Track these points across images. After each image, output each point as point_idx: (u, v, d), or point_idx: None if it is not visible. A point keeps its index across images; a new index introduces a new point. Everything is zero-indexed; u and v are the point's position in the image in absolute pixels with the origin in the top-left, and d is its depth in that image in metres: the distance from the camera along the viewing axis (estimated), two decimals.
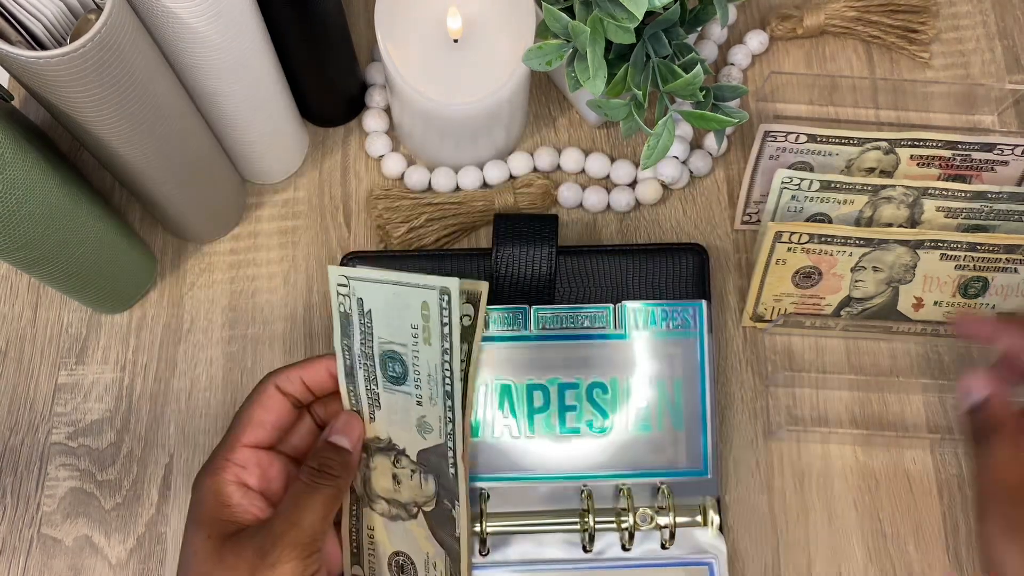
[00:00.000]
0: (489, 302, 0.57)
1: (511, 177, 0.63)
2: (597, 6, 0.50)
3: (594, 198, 0.62)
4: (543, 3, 0.53)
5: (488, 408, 0.55)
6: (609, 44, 0.53)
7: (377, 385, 0.49)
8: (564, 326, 0.56)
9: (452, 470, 0.49)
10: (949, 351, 0.59)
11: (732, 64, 0.65)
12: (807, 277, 0.58)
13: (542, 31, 0.54)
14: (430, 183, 0.62)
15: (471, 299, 0.51)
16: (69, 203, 0.49)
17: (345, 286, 0.48)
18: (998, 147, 0.59)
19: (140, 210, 0.62)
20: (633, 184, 0.62)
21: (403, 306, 0.47)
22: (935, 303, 0.59)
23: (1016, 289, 0.58)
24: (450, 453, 0.49)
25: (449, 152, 0.61)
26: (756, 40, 0.65)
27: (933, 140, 0.59)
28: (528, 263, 0.57)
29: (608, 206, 0.62)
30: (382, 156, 0.63)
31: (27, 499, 0.57)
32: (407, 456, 0.50)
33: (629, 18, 0.49)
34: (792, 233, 0.56)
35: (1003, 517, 0.46)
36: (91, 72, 0.42)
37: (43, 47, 0.43)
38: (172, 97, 0.49)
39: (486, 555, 0.53)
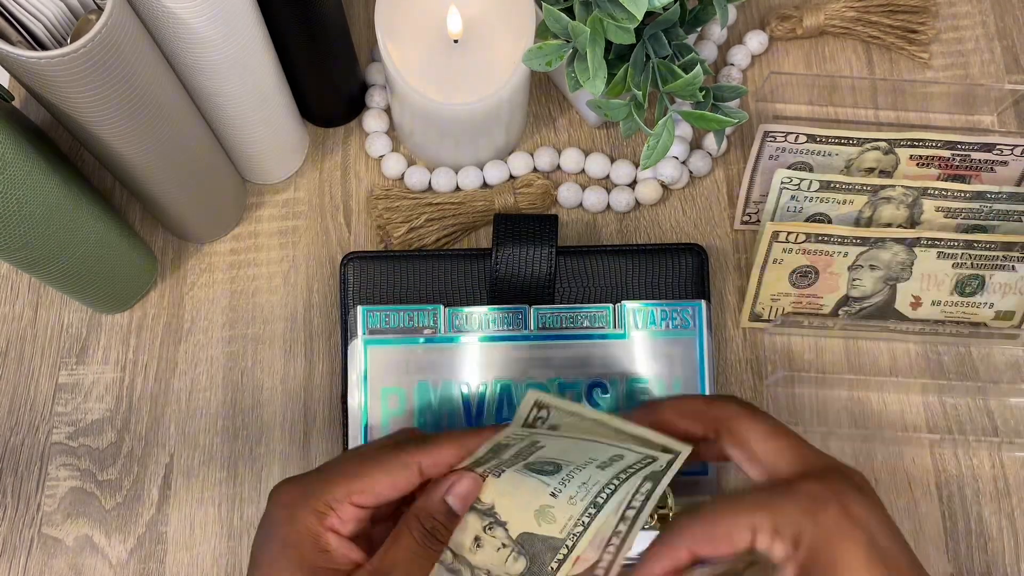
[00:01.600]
0: (489, 302, 0.57)
1: (511, 177, 0.63)
2: (597, 6, 0.51)
3: (594, 198, 0.62)
4: (543, 3, 0.53)
5: (488, 408, 0.55)
6: (609, 44, 0.53)
7: (510, 466, 0.44)
8: (564, 326, 0.56)
9: (555, 566, 0.44)
10: (949, 351, 0.59)
11: (732, 64, 0.65)
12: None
13: (542, 31, 0.54)
14: (430, 183, 0.62)
15: (666, 449, 0.44)
16: (69, 203, 0.49)
17: (545, 407, 0.43)
18: (997, 147, 0.59)
19: (140, 210, 0.63)
20: (633, 184, 0.62)
21: (590, 450, 0.43)
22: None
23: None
24: (563, 551, 0.44)
25: (449, 152, 0.61)
26: (756, 40, 0.65)
27: (932, 140, 0.59)
28: (528, 263, 0.57)
29: (608, 206, 0.62)
30: (382, 156, 0.63)
31: (27, 499, 0.57)
32: (505, 530, 0.45)
33: (629, 18, 0.49)
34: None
35: None
36: (91, 72, 0.42)
37: (44, 47, 0.43)
38: (172, 97, 0.49)
39: None
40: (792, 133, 0.58)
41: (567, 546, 0.43)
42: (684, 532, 0.43)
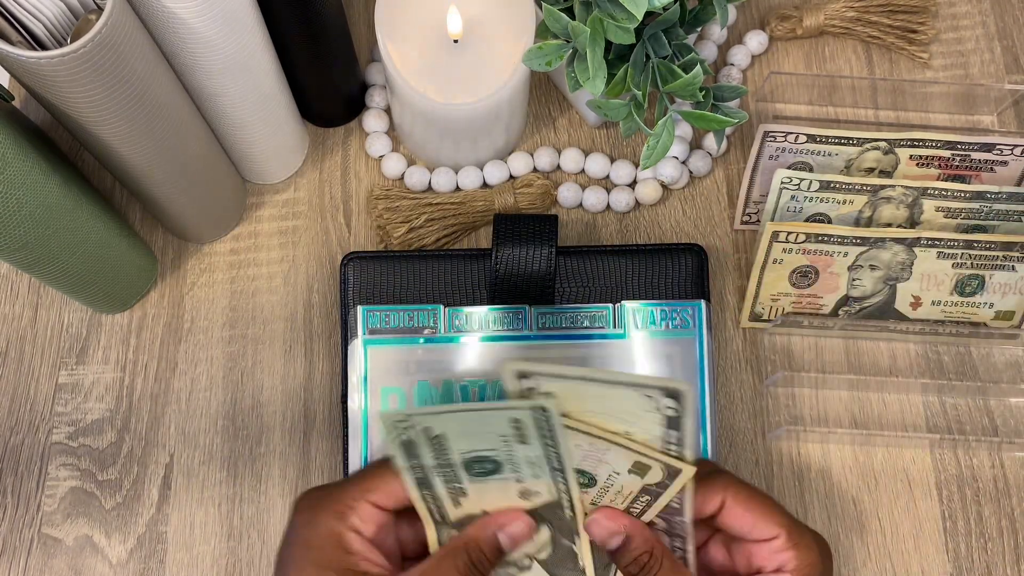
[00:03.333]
0: (489, 302, 0.57)
1: (511, 177, 0.63)
2: (597, 6, 0.51)
3: (594, 198, 0.62)
4: (543, 3, 0.53)
5: None
6: (609, 44, 0.53)
7: (460, 481, 0.44)
8: (564, 326, 0.56)
9: (569, 512, 0.45)
10: (949, 351, 0.59)
11: (732, 64, 0.65)
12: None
13: (542, 31, 0.54)
14: (430, 183, 0.62)
15: (671, 394, 0.42)
16: (69, 203, 0.49)
17: (403, 422, 0.42)
18: (997, 147, 0.59)
19: (140, 210, 0.63)
20: (633, 184, 0.62)
21: (484, 422, 0.42)
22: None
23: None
24: (565, 501, 0.45)
25: (449, 152, 0.61)
26: (756, 40, 0.65)
27: (932, 140, 0.59)
28: (528, 263, 0.57)
29: (608, 206, 0.62)
30: (382, 156, 0.63)
31: (27, 499, 0.57)
32: (533, 560, 0.47)
33: (629, 18, 0.49)
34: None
35: None
36: (91, 72, 0.42)
37: (44, 47, 0.43)
38: (172, 97, 0.49)
39: None
40: (792, 133, 0.58)
41: (565, 498, 0.45)
42: (730, 485, 0.46)
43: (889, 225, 0.58)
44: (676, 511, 0.45)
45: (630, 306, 0.56)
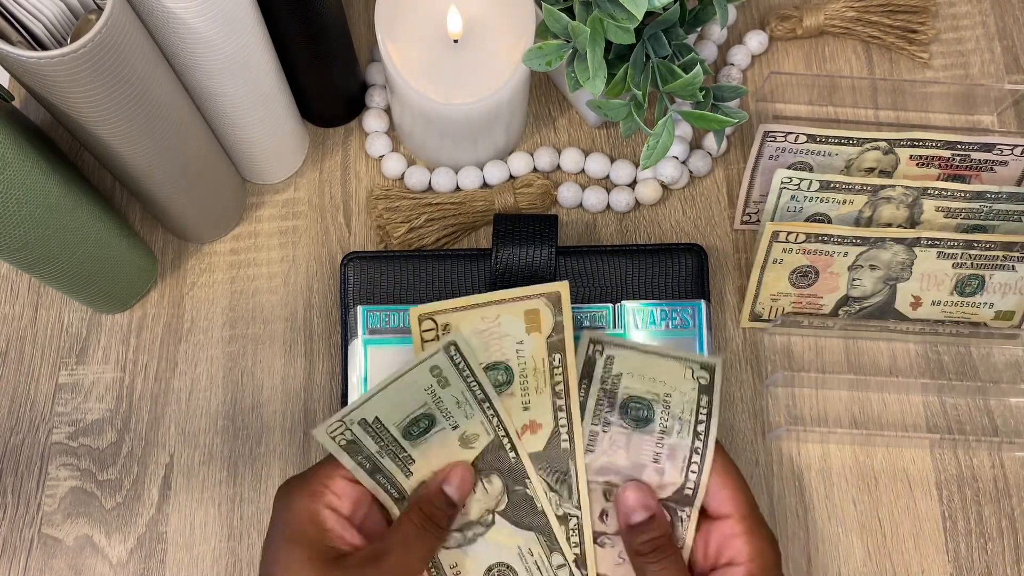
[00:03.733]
0: None
1: (511, 177, 0.63)
2: (597, 6, 0.51)
3: (594, 198, 0.62)
4: (543, 3, 0.53)
5: None
6: (609, 44, 0.53)
7: (405, 450, 0.49)
8: None
9: (512, 454, 0.49)
10: (949, 351, 0.59)
11: (732, 64, 0.65)
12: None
13: (542, 31, 0.54)
14: (430, 183, 0.62)
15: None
16: (69, 203, 0.49)
17: (337, 427, 0.47)
18: (997, 147, 0.59)
19: (140, 210, 0.63)
20: (633, 184, 0.62)
21: (407, 387, 0.48)
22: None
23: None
24: (504, 441, 0.49)
25: (449, 152, 0.61)
26: (756, 40, 0.65)
27: (932, 140, 0.59)
28: (528, 263, 0.57)
29: (608, 206, 0.62)
30: (382, 156, 0.63)
31: (27, 499, 0.57)
32: (482, 524, 0.50)
33: (629, 18, 0.49)
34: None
35: None
36: (91, 72, 0.42)
37: (44, 47, 0.43)
38: (172, 97, 0.49)
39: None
40: (792, 133, 0.58)
41: (502, 435, 0.49)
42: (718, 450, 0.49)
43: (889, 225, 0.58)
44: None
45: (630, 306, 0.56)
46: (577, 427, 0.49)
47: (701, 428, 0.49)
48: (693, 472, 0.48)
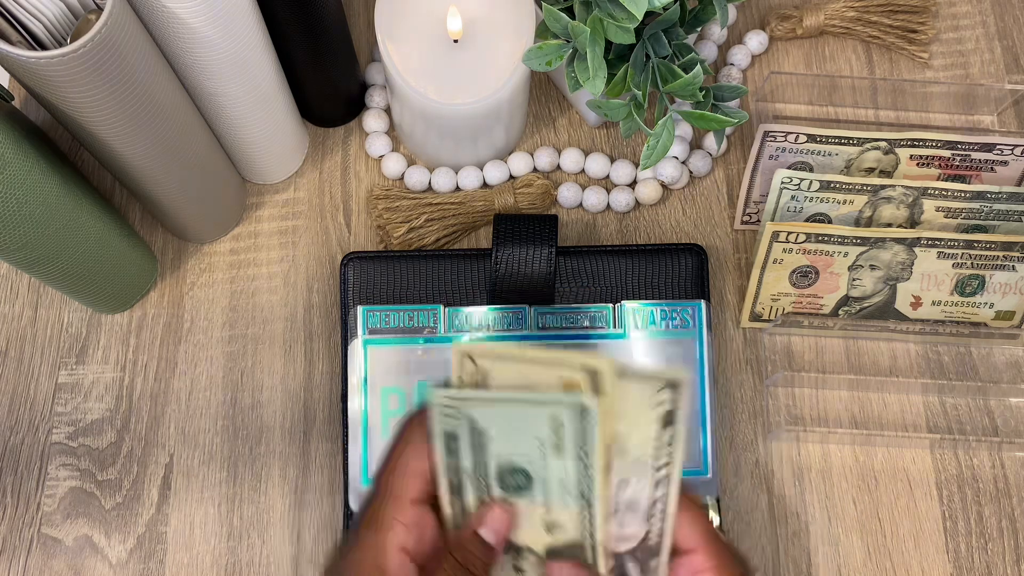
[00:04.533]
0: (489, 302, 0.57)
1: (511, 177, 0.63)
2: (597, 6, 0.51)
3: (594, 198, 0.62)
4: (543, 3, 0.53)
5: None
6: (609, 44, 0.53)
7: (489, 492, 0.43)
8: (564, 326, 0.56)
9: (591, 559, 0.43)
10: (949, 351, 0.59)
11: (732, 64, 0.65)
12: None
13: (542, 31, 0.54)
14: (430, 183, 0.62)
15: (670, 384, 0.41)
16: (69, 203, 0.49)
17: (451, 408, 0.40)
18: (997, 147, 0.59)
19: (140, 210, 0.63)
20: (633, 184, 0.62)
21: (525, 419, 0.40)
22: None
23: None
24: (589, 547, 0.42)
25: (449, 152, 0.61)
26: (756, 40, 0.65)
27: (933, 140, 0.59)
28: (528, 263, 0.57)
29: (608, 206, 0.62)
30: (382, 156, 0.63)
31: (27, 499, 0.57)
32: (534, 554, 0.44)
33: (629, 18, 0.49)
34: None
35: None
36: (91, 72, 0.42)
37: (44, 47, 0.43)
38: (172, 97, 0.49)
39: None
40: (792, 133, 0.58)
41: (590, 541, 0.42)
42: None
43: (889, 225, 0.58)
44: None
45: (630, 306, 0.56)
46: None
47: (663, 472, 0.41)
48: (656, 519, 0.42)
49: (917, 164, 0.60)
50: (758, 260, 0.57)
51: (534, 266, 0.57)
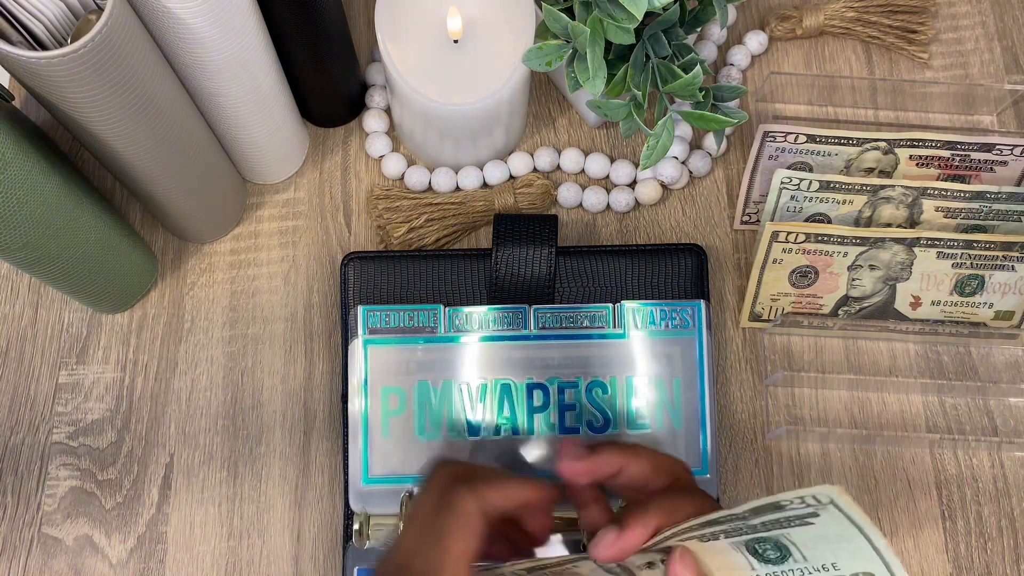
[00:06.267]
0: (489, 302, 0.57)
1: (511, 177, 0.63)
2: (597, 6, 0.51)
3: (594, 198, 0.62)
4: (543, 3, 0.53)
5: (488, 407, 0.55)
6: (609, 44, 0.53)
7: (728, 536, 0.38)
8: (563, 326, 0.56)
9: None
10: (948, 351, 0.59)
11: (731, 64, 0.65)
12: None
13: (542, 31, 0.54)
14: (430, 183, 0.62)
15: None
16: (70, 203, 0.49)
17: (815, 506, 0.34)
18: (997, 147, 0.59)
19: (140, 210, 0.63)
20: (633, 184, 0.62)
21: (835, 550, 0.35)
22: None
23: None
24: None
25: (449, 152, 0.61)
26: (755, 41, 0.65)
27: (932, 140, 0.59)
28: (528, 263, 0.57)
29: (608, 206, 0.62)
30: (382, 156, 0.63)
31: (27, 499, 0.57)
32: None
33: (629, 19, 0.49)
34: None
35: None
36: (92, 72, 0.42)
37: (44, 47, 0.43)
38: (172, 97, 0.49)
39: None
40: (792, 133, 0.58)
41: None
42: (658, 509, 0.42)
43: (889, 225, 0.58)
44: None
45: (630, 306, 0.56)
46: None
47: None
48: None
49: (917, 164, 0.60)
50: (758, 260, 0.57)
51: (534, 266, 0.57)
